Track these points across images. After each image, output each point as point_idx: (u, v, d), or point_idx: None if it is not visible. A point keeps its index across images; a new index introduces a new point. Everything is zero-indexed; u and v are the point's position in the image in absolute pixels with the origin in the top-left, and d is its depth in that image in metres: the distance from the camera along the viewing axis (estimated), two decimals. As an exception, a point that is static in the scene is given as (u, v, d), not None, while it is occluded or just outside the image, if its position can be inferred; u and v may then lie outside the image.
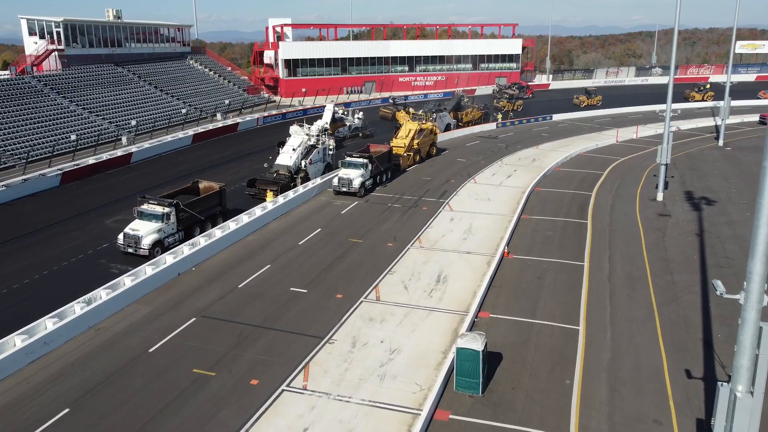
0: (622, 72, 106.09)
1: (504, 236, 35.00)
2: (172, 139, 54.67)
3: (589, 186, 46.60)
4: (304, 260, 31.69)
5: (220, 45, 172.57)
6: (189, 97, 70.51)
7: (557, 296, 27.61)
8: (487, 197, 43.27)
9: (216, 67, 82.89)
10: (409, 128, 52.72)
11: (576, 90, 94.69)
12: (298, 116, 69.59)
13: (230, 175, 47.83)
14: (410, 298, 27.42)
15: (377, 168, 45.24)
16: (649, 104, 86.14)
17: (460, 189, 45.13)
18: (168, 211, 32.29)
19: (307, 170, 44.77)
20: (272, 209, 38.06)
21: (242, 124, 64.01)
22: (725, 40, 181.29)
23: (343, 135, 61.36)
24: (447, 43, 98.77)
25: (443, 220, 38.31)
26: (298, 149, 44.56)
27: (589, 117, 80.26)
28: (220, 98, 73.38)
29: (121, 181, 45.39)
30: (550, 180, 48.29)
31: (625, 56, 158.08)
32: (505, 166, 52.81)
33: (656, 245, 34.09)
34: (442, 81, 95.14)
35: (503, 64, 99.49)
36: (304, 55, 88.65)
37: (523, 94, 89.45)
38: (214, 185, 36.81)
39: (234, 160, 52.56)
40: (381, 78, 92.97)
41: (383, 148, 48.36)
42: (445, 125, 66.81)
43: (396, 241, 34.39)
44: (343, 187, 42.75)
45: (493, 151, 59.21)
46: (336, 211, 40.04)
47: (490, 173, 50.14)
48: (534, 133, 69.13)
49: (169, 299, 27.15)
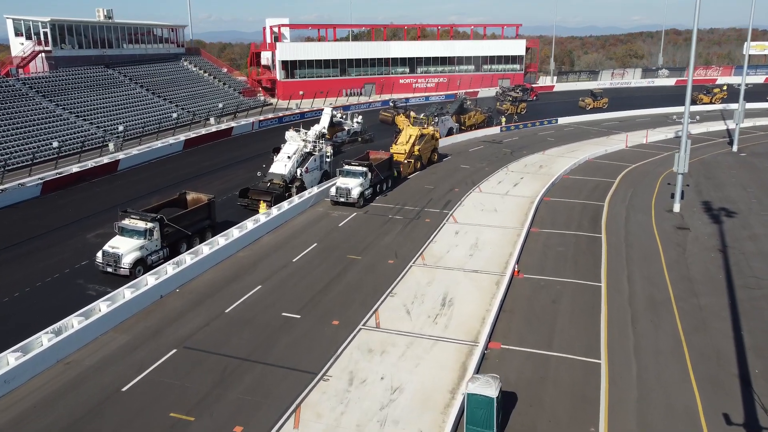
0: (627, 73, 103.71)
1: (513, 252, 32.62)
2: (162, 144, 52.17)
3: (601, 195, 44.20)
4: (298, 280, 29.29)
5: (219, 45, 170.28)
6: (182, 101, 68.10)
7: (575, 323, 25.20)
8: (493, 208, 40.88)
9: (211, 69, 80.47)
10: (410, 134, 50.33)
11: (581, 92, 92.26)
12: (295, 120, 67.20)
13: (222, 184, 45.45)
14: (413, 325, 25.02)
15: (377, 176, 42.85)
16: (657, 107, 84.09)
17: (464, 199, 42.74)
18: (151, 226, 29.88)
19: (303, 179, 42.38)
20: (265, 222, 35.67)
21: (237, 129, 61.52)
22: (726, 41, 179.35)
23: (342, 140, 58.98)
24: (449, 44, 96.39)
25: (447, 233, 35.92)
26: (293, 157, 42.15)
27: (596, 120, 77.85)
28: (214, 101, 70.99)
29: (106, 191, 42.94)
30: (558, 189, 45.89)
31: (627, 56, 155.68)
32: (511, 173, 50.42)
33: (677, 263, 31.68)
34: (444, 83, 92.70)
35: (506, 65, 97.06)
36: (302, 57, 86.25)
37: (527, 97, 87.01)
38: (202, 197, 34.41)
39: (227, 167, 50.15)
40: (381, 80, 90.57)
41: (383, 155, 45.97)
42: (448, 129, 64.47)
43: (397, 258, 32.00)
44: (341, 198, 40.36)
45: (497, 156, 56.82)
46: (333, 223, 37.65)
47: (496, 181, 47.76)
48: (539, 137, 66.74)
49: (149, 326, 24.74)
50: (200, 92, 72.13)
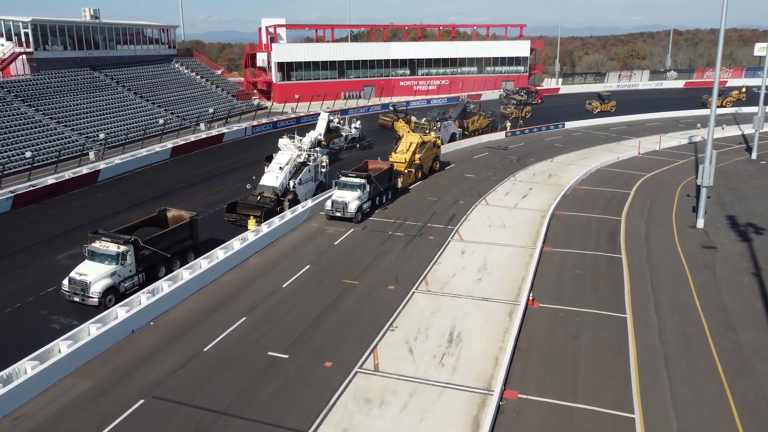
0: (635, 75, 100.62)
1: (526, 276, 29.59)
2: (148, 153, 48.94)
3: (617, 209, 41.17)
4: (288, 310, 26.24)
5: (219, 45, 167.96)
6: (172, 104, 64.99)
7: (600, 365, 22.16)
8: (501, 223, 37.85)
9: (204, 71, 77.35)
10: (410, 141, 47.28)
11: (588, 95, 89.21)
12: (290, 125, 64.15)
13: (210, 195, 42.41)
14: (417, 367, 21.97)
15: (376, 188, 39.83)
16: (667, 111, 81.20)
17: (470, 212, 39.72)
18: (124, 250, 26.82)
19: (296, 191, 39.33)
20: (254, 241, 32.62)
21: (228, 135, 58.27)
22: (727, 41, 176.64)
23: (339, 146, 55.98)
24: (451, 45, 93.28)
25: (453, 253, 32.88)
26: (285, 167, 39.09)
27: (604, 125, 74.86)
28: (206, 105, 67.94)
29: (84, 204, 39.84)
30: (571, 201, 42.86)
31: (629, 57, 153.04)
32: (518, 183, 47.38)
33: (708, 289, 28.63)
34: (446, 85, 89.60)
35: (510, 67, 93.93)
36: (299, 58, 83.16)
37: (532, 100, 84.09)
38: (184, 214, 31.35)
39: (216, 177, 47.05)
40: (381, 82, 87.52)
41: (383, 165, 42.92)
42: (450, 135, 61.45)
43: (398, 283, 28.97)
44: (337, 212, 37.32)
45: (503, 164, 53.79)
46: (328, 241, 34.61)
47: (503, 192, 44.73)
48: (546, 143, 63.72)
49: (116, 369, 21.70)
50: (192, 96, 68.99)
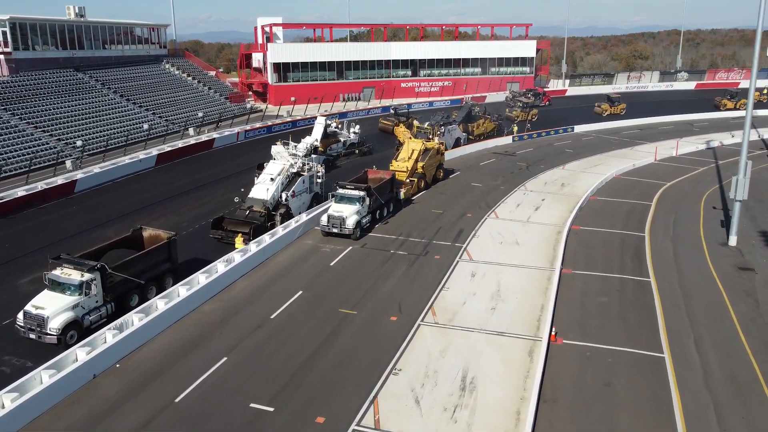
0: (644, 76, 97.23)
1: (545, 304, 26.29)
2: (131, 161, 45.47)
3: (638, 223, 37.86)
4: (275, 348, 22.90)
5: (218, 45, 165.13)
6: (161, 108, 61.58)
7: (640, 420, 18.83)
8: (514, 239, 34.53)
9: (196, 72, 73.98)
10: (412, 148, 43.90)
11: (596, 97, 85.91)
12: (285, 129, 60.80)
13: (196, 208, 39.08)
14: (425, 423, 18.65)
15: (376, 201, 36.50)
16: (679, 113, 77.85)
17: (479, 227, 36.41)
18: (89, 278, 23.48)
19: (289, 205, 35.98)
20: (240, 262, 29.27)
21: (219, 140, 54.80)
22: (729, 41, 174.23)
23: (337, 153, 52.64)
24: (454, 45, 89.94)
25: (462, 275, 29.55)
26: (277, 179, 35.74)
27: (615, 128, 71.49)
28: (197, 108, 64.59)
29: (57, 219, 36.45)
30: (587, 214, 39.52)
31: (632, 57, 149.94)
32: (530, 193, 44.05)
33: (753, 321, 25.31)
34: (449, 87, 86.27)
35: (515, 67, 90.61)
36: (296, 58, 79.82)
37: (539, 102, 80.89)
38: (161, 234, 28.01)
39: (205, 187, 43.66)
40: (381, 83, 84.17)
41: (384, 175, 39.59)
42: (455, 140, 58.13)
43: (402, 313, 25.65)
44: (334, 228, 33.98)
45: (512, 172, 50.46)
46: (324, 261, 31.28)
47: (514, 203, 41.40)
48: (556, 148, 60.38)
49: (69, 427, 18.36)
50: (182, 98, 65.56)
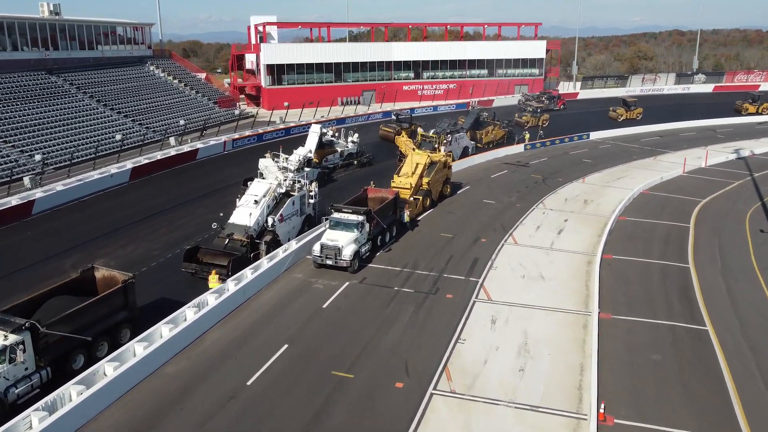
0: (660, 79, 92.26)
1: (584, 364, 21.41)
2: (101, 176, 40.30)
3: (679, 250, 32.97)
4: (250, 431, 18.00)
5: (216, 46, 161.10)
6: (142, 114, 56.52)
7: None
8: (538, 272, 29.64)
9: (183, 75, 68.98)
10: (416, 162, 38.98)
11: (610, 100, 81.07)
12: (278, 138, 55.90)
13: (172, 232, 34.17)
14: None
15: (378, 226, 31.62)
16: (699, 118, 72.93)
17: (496, 255, 31.52)
18: (14, 341, 18.56)
19: (277, 231, 31.06)
20: (214, 307, 24.35)
21: (203, 151, 49.61)
22: (731, 42, 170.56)
23: (334, 164, 47.75)
24: (459, 46, 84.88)
25: (480, 322, 24.65)
26: (262, 201, 30.84)
27: (633, 135, 66.57)
28: (184, 114, 59.67)
29: (6, 247, 31.43)
30: (619, 238, 34.61)
31: (636, 58, 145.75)
32: (550, 212, 39.17)
33: None
34: (454, 90, 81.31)
35: (524, 69, 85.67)
36: (291, 60, 74.84)
37: (554, 105, 76.21)
38: (116, 276, 23.09)
39: (184, 206, 38.72)
40: (382, 86, 79.21)
41: (386, 194, 34.71)
42: (462, 149, 53.26)
43: (409, 377, 20.76)
44: (328, 259, 29.08)
45: (527, 186, 45.56)
46: (316, 301, 26.37)
47: (533, 225, 36.52)
48: (572, 158, 55.49)
49: None
50: (165, 103, 60.54)
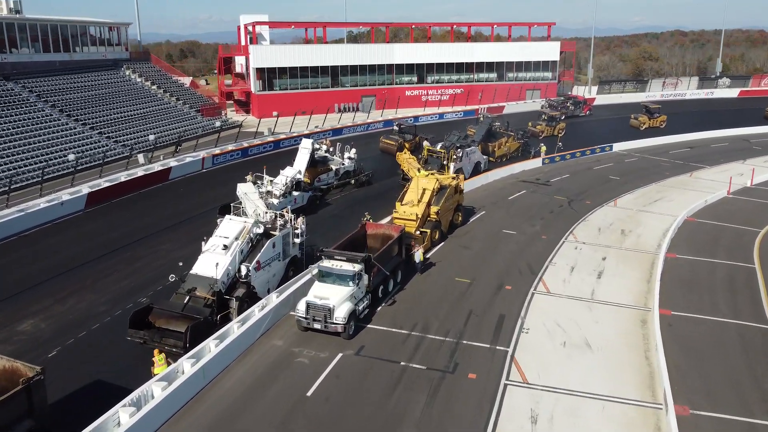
0: (681, 83, 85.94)
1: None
2: (48, 204, 33.72)
3: (751, 301, 26.75)
4: None
5: (215, 47, 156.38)
6: (112, 125, 50.04)
7: None
8: (581, 336, 23.41)
9: (162, 80, 62.56)
10: (423, 187, 32.78)
11: (630, 106, 74.87)
12: (266, 152, 49.66)
13: (130, 276, 27.91)
14: None
15: (379, 273, 25.39)
16: (728, 127, 66.59)
17: (526, 310, 25.31)
18: None
19: (252, 282, 24.75)
20: (160, 402, 18.08)
21: (177, 170, 42.95)
22: (735, 42, 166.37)
23: (328, 184, 41.57)
24: (466, 47, 78.32)
25: (517, 422, 18.38)
26: (234, 245, 24.52)
27: (660, 146, 60.29)
28: (162, 124, 53.37)
29: None
30: (673, 285, 28.28)
31: (641, 59, 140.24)
32: (583, 246, 32.92)
33: None
34: (461, 95, 74.91)
35: (536, 73, 79.33)
36: (283, 63, 68.44)
37: (580, 111, 71.08)
38: (20, 369, 16.77)
39: (148, 240, 32.41)
40: (383, 91, 72.87)
41: (390, 231, 28.48)
42: (474, 165, 47.07)
43: None
44: (316, 322, 22.83)
45: (551, 210, 39.34)
46: (298, 387, 20.08)
47: (566, 265, 30.28)
48: (597, 174, 49.24)
49: None
50: (139, 112, 53.99)
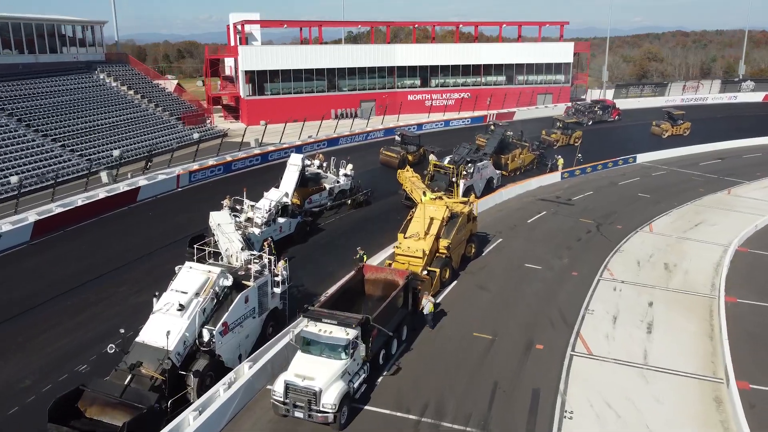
0: (703, 86, 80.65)
1: None
2: (-16, 236, 28.77)
3: None
4: None
5: (212, 47, 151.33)
6: (78, 136, 44.61)
7: None
8: (641, 424, 18.03)
9: (141, 84, 57.06)
10: (430, 216, 27.50)
11: (647, 112, 69.66)
12: (252, 166, 44.30)
13: (66, 335, 22.57)
14: None
15: (380, 335, 20.05)
16: (759, 135, 61.17)
17: (565, 383, 19.92)
18: None
19: (217, 350, 19.35)
20: None
21: (147, 189, 37.21)
22: (737, 43, 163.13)
23: (321, 206, 36.23)
24: (473, 48, 72.66)
25: None
26: (193, 305, 19.10)
27: (687, 157, 54.93)
28: (137, 135, 48.04)
29: None
30: (741, 340, 22.86)
31: (645, 60, 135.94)
32: (623, 287, 27.58)
33: None
34: (469, 100, 69.41)
35: (547, 75, 73.89)
36: (275, 65, 63.05)
37: (608, 116, 66.77)
38: None
39: (103, 280, 26.98)
40: (384, 96, 67.52)
41: (393, 275, 23.16)
42: (486, 181, 41.76)
43: None
44: (298, 409, 17.49)
45: (579, 238, 34.05)
46: None
47: (606, 314, 24.96)
48: (624, 191, 43.91)
49: None
50: (111, 121, 48.47)
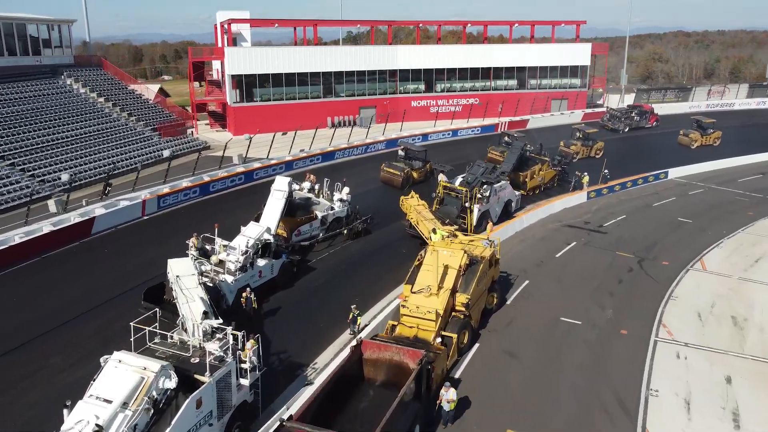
0: (729, 91, 74.94)
1: None
2: None
3: None
4: None
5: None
6: (33, 153, 38.69)
7: None
8: None
9: (113, 90, 50.91)
10: (443, 263, 21.76)
11: (672, 118, 64.17)
12: (235, 186, 38.50)
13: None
14: None
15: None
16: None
17: None
18: None
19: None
20: None
21: (103, 220, 30.71)
22: (740, 43, 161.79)
23: (312, 238, 30.51)
24: (483, 50, 66.66)
25: None
26: (118, 421, 13.40)
27: (723, 171, 49.29)
28: (98, 152, 42.09)
29: None
30: None
31: (650, 60, 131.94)
32: (688, 352, 21.94)
33: None
34: (478, 107, 63.52)
35: (563, 79, 68.05)
36: (265, 68, 57.19)
37: (645, 123, 62.10)
38: None
39: (28, 348, 21.25)
40: (385, 102, 61.78)
41: (401, 355, 17.48)
42: (504, 204, 36.10)
43: None
44: None
45: (618, 277, 28.44)
46: None
47: (676, 396, 19.40)
48: (662, 215, 38.27)
49: None
50: (75, 134, 42.43)
